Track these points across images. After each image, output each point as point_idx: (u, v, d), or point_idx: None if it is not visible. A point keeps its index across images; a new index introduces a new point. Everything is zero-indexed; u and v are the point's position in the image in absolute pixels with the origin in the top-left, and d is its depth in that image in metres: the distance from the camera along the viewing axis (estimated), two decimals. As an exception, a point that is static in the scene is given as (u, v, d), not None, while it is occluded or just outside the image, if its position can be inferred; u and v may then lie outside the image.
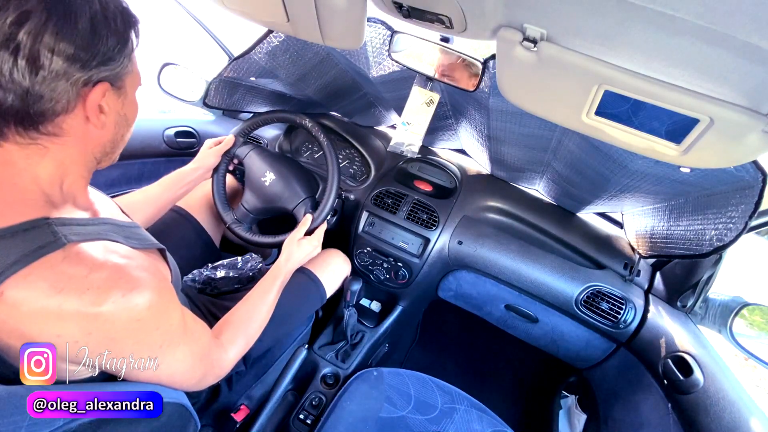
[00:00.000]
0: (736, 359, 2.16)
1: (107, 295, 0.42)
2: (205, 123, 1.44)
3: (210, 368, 0.62)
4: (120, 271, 0.45)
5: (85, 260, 0.43)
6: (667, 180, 0.79)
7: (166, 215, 1.12)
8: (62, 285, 0.40)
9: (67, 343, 0.42)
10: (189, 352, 0.55)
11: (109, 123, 0.48)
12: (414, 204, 1.21)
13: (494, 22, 0.49)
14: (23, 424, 0.34)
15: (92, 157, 0.50)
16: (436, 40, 0.84)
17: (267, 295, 0.82)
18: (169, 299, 0.51)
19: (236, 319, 0.75)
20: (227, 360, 0.68)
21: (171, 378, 0.54)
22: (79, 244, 0.44)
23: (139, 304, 0.45)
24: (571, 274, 1.09)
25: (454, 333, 1.74)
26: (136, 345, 0.47)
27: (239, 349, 0.71)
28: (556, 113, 0.57)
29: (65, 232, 0.44)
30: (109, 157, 0.53)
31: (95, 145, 0.49)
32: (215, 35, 1.36)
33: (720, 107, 0.44)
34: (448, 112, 1.12)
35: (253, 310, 0.78)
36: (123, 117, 0.51)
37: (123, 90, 0.49)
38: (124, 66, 0.46)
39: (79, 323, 0.41)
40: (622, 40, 0.42)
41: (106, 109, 0.47)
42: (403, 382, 0.99)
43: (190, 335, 0.56)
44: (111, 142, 0.51)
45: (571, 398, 1.40)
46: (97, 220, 0.52)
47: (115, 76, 0.46)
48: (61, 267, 0.41)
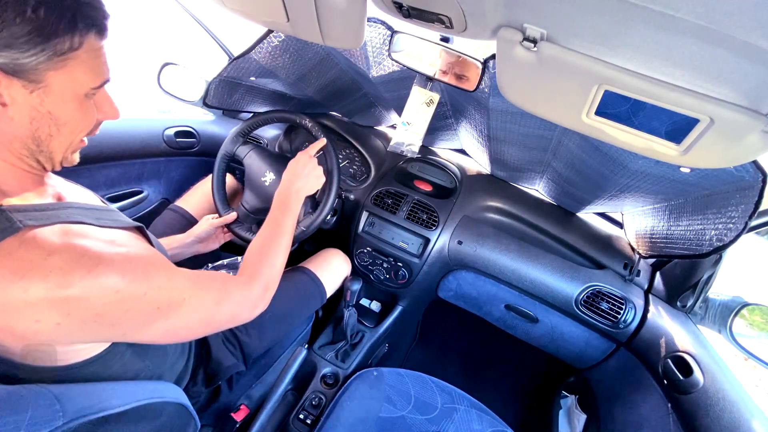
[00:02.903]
0: (736, 359, 2.16)
1: (71, 276, 0.42)
2: (205, 123, 1.44)
3: (236, 306, 0.62)
4: (80, 250, 0.44)
5: (42, 244, 0.42)
6: (667, 180, 0.79)
7: (165, 215, 1.12)
8: (23, 271, 0.40)
9: (49, 326, 0.41)
10: (198, 302, 0.55)
11: (20, 116, 0.44)
12: (414, 204, 1.21)
13: (494, 22, 0.48)
14: (23, 423, 0.34)
15: (14, 150, 0.47)
16: (436, 40, 0.84)
17: (280, 222, 0.79)
18: (147, 263, 0.50)
19: (252, 253, 0.73)
20: (253, 293, 0.66)
21: (189, 329, 0.55)
22: (36, 229, 0.43)
23: (110, 278, 0.44)
24: (571, 274, 1.09)
25: (454, 333, 1.74)
26: (127, 313, 0.47)
27: (265, 278, 0.69)
28: (556, 113, 0.57)
29: (20, 218, 0.43)
30: (44, 156, 0.49)
31: (11, 138, 0.46)
32: (215, 35, 1.36)
33: (720, 107, 0.44)
34: (448, 112, 1.12)
35: (269, 239, 0.75)
36: (45, 115, 0.46)
37: (43, 86, 0.44)
38: (39, 60, 0.42)
39: (52, 307, 0.41)
40: (622, 40, 0.41)
41: (6, 100, 0.43)
42: (402, 382, 0.99)
43: (194, 288, 0.55)
44: (32, 138, 0.47)
45: (571, 398, 1.40)
46: (58, 204, 0.50)
47: (18, 66, 0.41)
48: (18, 253, 0.41)
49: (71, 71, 0.45)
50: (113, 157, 1.17)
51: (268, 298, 0.68)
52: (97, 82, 0.48)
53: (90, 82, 0.48)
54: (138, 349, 0.56)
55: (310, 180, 0.91)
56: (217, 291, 0.59)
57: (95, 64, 0.47)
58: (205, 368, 0.82)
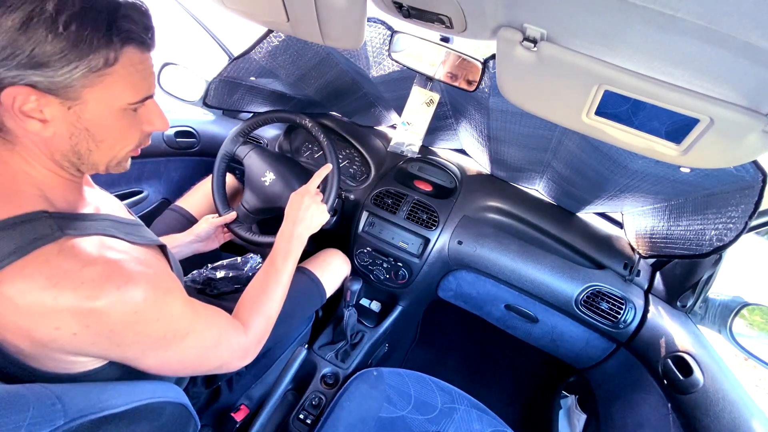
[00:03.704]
0: (736, 359, 2.16)
1: (101, 290, 0.43)
2: (205, 123, 1.44)
3: (230, 353, 0.62)
4: (114, 265, 0.45)
5: (79, 254, 0.43)
6: (667, 180, 0.79)
7: (166, 215, 1.12)
8: (57, 279, 0.41)
9: (66, 335, 0.42)
10: (199, 339, 0.55)
11: (60, 132, 0.45)
12: (414, 204, 1.21)
13: (494, 22, 0.49)
14: (23, 423, 0.34)
15: (57, 161, 0.48)
16: (436, 40, 0.84)
17: (279, 269, 0.77)
18: (167, 290, 0.50)
19: (249, 299, 0.72)
20: (247, 342, 0.66)
21: (182, 364, 0.55)
22: (75, 239, 0.44)
23: (135, 297, 0.45)
24: (571, 274, 1.09)
25: (454, 333, 1.74)
26: (137, 336, 0.47)
27: (259, 330, 0.69)
28: (556, 113, 0.57)
29: (62, 226, 0.44)
30: (86, 167, 0.50)
31: (53, 151, 0.47)
32: (215, 35, 1.36)
33: (720, 107, 0.44)
34: (448, 112, 1.12)
35: (266, 286, 0.74)
36: (83, 131, 0.46)
37: (80, 103, 0.44)
38: (74, 76, 0.41)
39: (75, 317, 0.42)
40: (622, 40, 0.42)
41: (47, 117, 0.43)
42: (402, 382, 0.99)
43: (200, 323, 0.56)
44: (72, 152, 0.47)
45: (571, 398, 1.40)
46: (96, 215, 0.52)
47: (54, 84, 0.41)
48: (56, 261, 0.41)
49: (108, 87, 0.44)
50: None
51: (258, 350, 0.68)
52: (136, 98, 0.48)
53: (129, 98, 0.47)
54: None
55: (314, 220, 0.87)
56: (219, 332, 0.60)
57: (134, 79, 0.46)
58: (205, 368, 0.82)
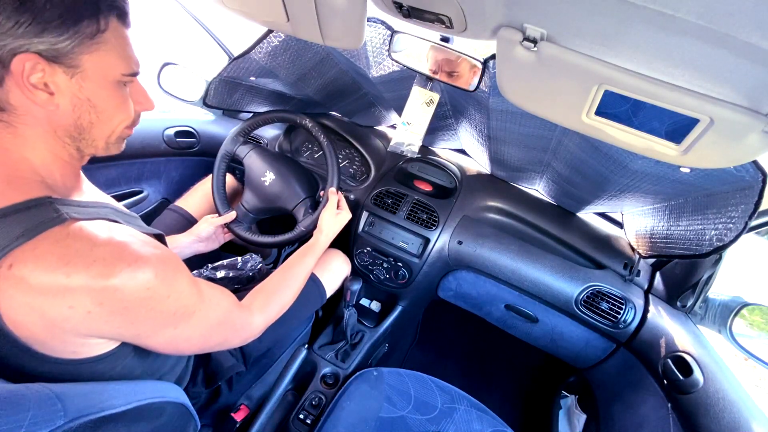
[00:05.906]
0: (736, 359, 2.16)
1: (113, 268, 0.44)
2: (205, 123, 1.44)
3: (232, 331, 0.64)
4: (123, 245, 0.46)
5: (88, 235, 0.44)
6: (667, 180, 0.79)
7: (165, 215, 1.12)
8: (68, 258, 0.42)
9: (80, 314, 0.43)
10: (205, 317, 0.57)
11: (64, 104, 0.47)
12: (414, 204, 1.21)
13: (494, 22, 0.49)
14: (24, 423, 0.34)
15: (59, 138, 0.49)
16: (436, 40, 0.84)
17: (303, 266, 0.85)
18: (175, 268, 0.52)
19: (270, 287, 0.78)
20: (254, 324, 0.70)
21: (188, 342, 0.57)
22: (81, 221, 0.45)
23: (147, 274, 0.46)
24: (570, 274, 1.09)
25: (454, 333, 1.74)
26: (149, 312, 0.48)
27: (269, 315, 0.74)
28: (556, 113, 0.57)
29: (67, 210, 0.45)
30: (85, 143, 0.51)
31: (57, 126, 0.48)
32: (215, 35, 1.36)
33: (720, 107, 0.44)
34: (448, 112, 1.12)
35: (289, 278, 0.82)
36: (85, 101, 0.48)
37: (81, 71, 0.46)
38: (74, 42, 0.43)
39: (89, 295, 0.42)
40: (622, 39, 0.42)
41: (52, 88, 0.45)
42: (402, 382, 0.99)
43: (205, 302, 0.57)
44: (74, 126, 0.49)
45: (571, 398, 1.40)
46: (97, 203, 0.53)
47: (57, 51, 0.43)
48: (66, 241, 0.42)
49: (103, 56, 0.47)
50: (113, 156, 1.15)
51: (260, 333, 0.72)
52: (127, 69, 0.50)
53: (121, 68, 0.50)
54: (142, 352, 0.57)
55: (341, 227, 1.00)
56: (224, 311, 0.62)
57: (123, 51, 0.49)
58: (205, 369, 0.82)
